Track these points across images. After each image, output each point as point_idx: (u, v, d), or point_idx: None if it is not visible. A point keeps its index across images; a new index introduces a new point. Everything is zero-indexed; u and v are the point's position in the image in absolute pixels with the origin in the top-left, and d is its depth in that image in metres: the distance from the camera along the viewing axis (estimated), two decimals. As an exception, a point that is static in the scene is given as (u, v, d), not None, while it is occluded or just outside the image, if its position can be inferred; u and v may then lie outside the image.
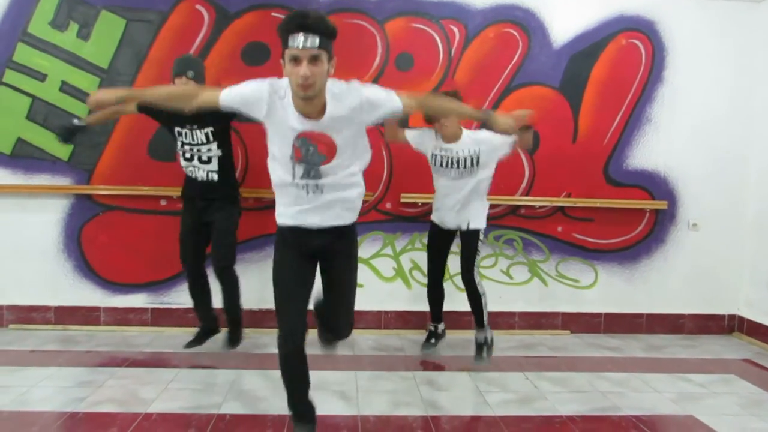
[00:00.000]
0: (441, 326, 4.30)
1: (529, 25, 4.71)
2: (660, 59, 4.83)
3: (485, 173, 3.93)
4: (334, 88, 2.39)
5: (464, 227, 3.99)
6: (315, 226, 2.55)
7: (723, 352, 4.56)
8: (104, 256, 4.56)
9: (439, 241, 4.13)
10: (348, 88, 2.42)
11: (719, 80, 4.88)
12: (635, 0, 4.76)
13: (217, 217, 3.86)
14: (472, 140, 3.90)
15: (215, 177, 3.83)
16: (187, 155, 3.84)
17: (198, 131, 3.74)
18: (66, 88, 4.43)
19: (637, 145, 4.87)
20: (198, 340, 4.05)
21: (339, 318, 2.86)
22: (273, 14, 4.54)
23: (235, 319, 4.02)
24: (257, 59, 4.55)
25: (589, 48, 4.76)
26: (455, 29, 4.68)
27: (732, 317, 5.04)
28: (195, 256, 3.96)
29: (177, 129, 3.79)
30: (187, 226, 3.95)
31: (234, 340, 4.05)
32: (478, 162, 3.87)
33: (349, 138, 2.45)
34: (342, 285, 2.74)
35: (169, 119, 3.77)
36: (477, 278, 3.98)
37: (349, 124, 2.42)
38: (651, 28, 4.80)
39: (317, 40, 2.18)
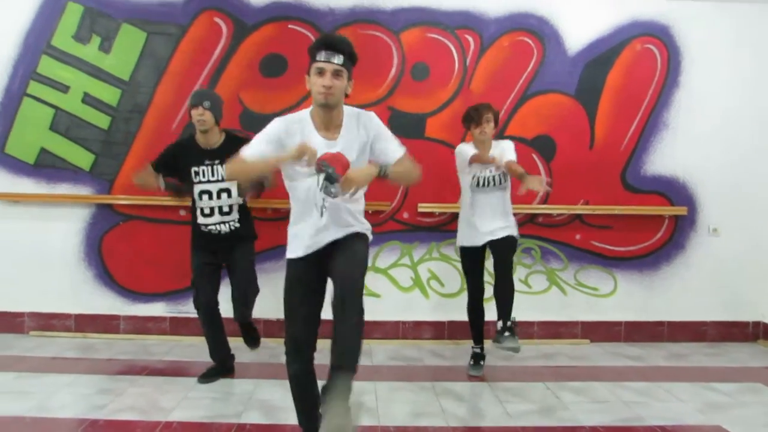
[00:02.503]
0: (484, 347, 4.12)
1: (544, 33, 4.74)
2: (675, 64, 4.83)
3: (509, 183, 3.94)
4: (353, 111, 2.62)
5: (495, 237, 3.86)
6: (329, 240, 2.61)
7: (748, 360, 4.47)
8: (124, 265, 4.61)
9: (471, 261, 4.01)
10: (367, 114, 2.64)
11: (736, 83, 4.86)
12: (649, 5, 4.78)
13: (237, 258, 3.74)
14: (499, 150, 3.89)
15: (238, 225, 3.72)
16: (206, 210, 3.67)
17: (218, 166, 3.61)
18: (88, 99, 4.53)
19: (654, 151, 4.84)
20: (211, 376, 3.82)
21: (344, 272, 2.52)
22: (290, 26, 4.62)
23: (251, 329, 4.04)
24: (275, 71, 4.62)
25: (604, 54, 4.78)
26: (470, 38, 4.72)
27: (756, 324, 4.95)
28: (211, 296, 3.76)
29: (194, 169, 3.65)
30: (200, 269, 3.78)
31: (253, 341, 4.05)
32: (505, 177, 3.88)
33: (358, 162, 2.56)
34: (347, 249, 2.59)
35: (186, 160, 3.66)
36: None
37: (360, 148, 2.58)
38: (665, 32, 4.81)
39: (341, 59, 2.46)
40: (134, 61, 4.54)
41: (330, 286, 2.55)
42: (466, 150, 3.91)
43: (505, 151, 3.85)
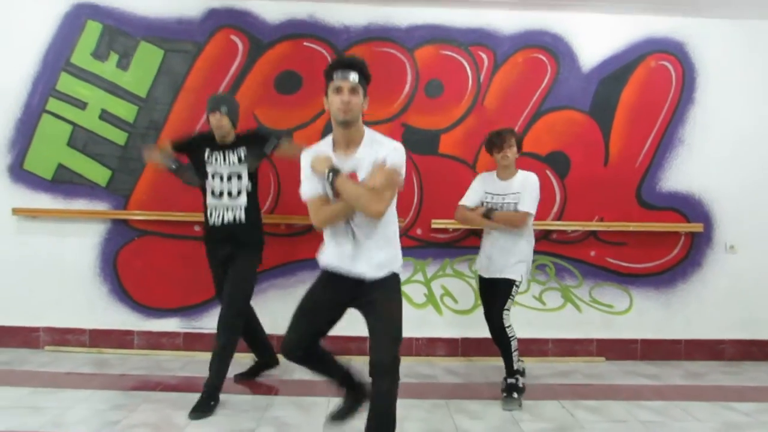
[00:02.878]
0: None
1: (558, 50, 4.76)
2: (690, 80, 4.82)
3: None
4: (375, 135, 2.75)
5: (499, 275, 3.81)
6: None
7: (767, 380, 4.40)
8: (139, 280, 4.63)
9: (487, 291, 3.92)
10: (388, 141, 2.72)
11: (752, 100, 4.84)
12: (663, 22, 4.79)
13: (238, 259, 3.70)
14: (520, 183, 3.82)
15: (243, 217, 3.68)
16: (216, 190, 3.69)
17: (231, 153, 3.68)
18: (105, 115, 4.59)
19: (669, 167, 4.82)
20: (254, 372, 3.93)
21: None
22: (305, 44, 4.66)
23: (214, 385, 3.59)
24: (289, 88, 4.66)
25: (618, 71, 4.78)
26: (484, 55, 4.74)
27: (776, 342, 4.90)
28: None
29: (208, 151, 3.70)
30: (214, 270, 3.85)
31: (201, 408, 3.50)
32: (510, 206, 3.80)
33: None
34: (383, 308, 2.69)
35: (203, 145, 3.72)
36: (507, 321, 3.76)
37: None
38: (680, 49, 4.81)
39: (357, 77, 2.62)
40: (151, 78, 4.60)
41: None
42: (482, 183, 3.91)
43: (524, 194, 3.76)
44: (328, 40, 4.67)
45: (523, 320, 4.56)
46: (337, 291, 2.76)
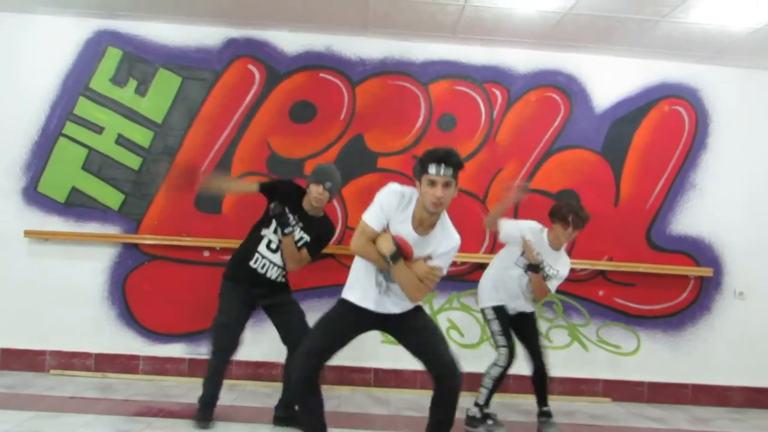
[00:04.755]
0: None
1: (571, 90, 4.80)
2: (704, 126, 4.85)
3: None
4: (445, 220, 2.85)
5: (523, 309, 3.92)
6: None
7: (774, 429, 4.37)
8: (146, 304, 4.63)
9: (507, 320, 3.91)
10: (454, 232, 2.85)
11: (764, 148, 4.87)
12: (678, 68, 4.83)
13: (287, 301, 3.71)
14: (563, 263, 3.88)
15: (284, 280, 3.71)
16: (273, 246, 3.62)
17: (309, 228, 3.61)
18: (121, 140, 4.64)
19: (680, 211, 4.83)
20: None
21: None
22: (321, 75, 4.71)
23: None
24: (304, 117, 4.71)
25: (631, 113, 4.82)
26: (498, 92, 4.79)
27: (783, 391, 4.85)
28: (240, 338, 3.71)
29: (291, 214, 3.59)
30: (236, 309, 3.66)
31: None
32: (543, 270, 3.82)
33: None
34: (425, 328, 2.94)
35: (288, 199, 3.61)
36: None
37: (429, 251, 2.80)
38: (694, 95, 4.84)
39: (451, 171, 2.66)
40: (168, 105, 4.65)
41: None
42: (529, 232, 3.85)
43: (559, 277, 3.85)
44: (344, 72, 4.73)
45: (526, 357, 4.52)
46: (362, 318, 2.86)
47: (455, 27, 4.43)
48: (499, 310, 3.89)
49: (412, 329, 2.89)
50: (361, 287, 2.85)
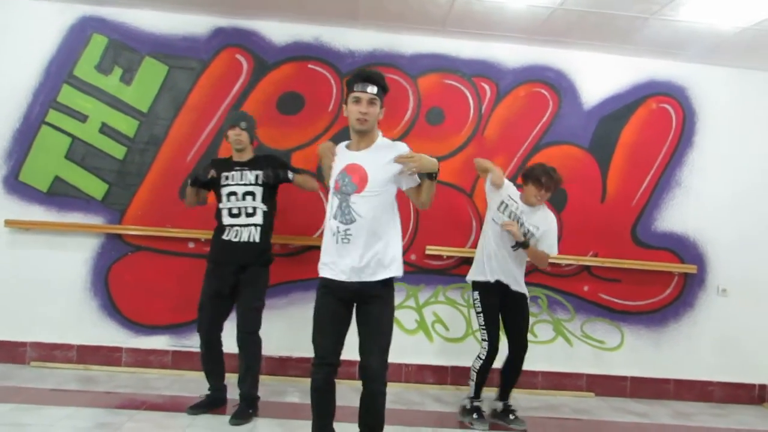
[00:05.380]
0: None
1: (560, 86, 4.80)
2: (690, 124, 4.88)
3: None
4: (386, 140, 2.98)
5: (520, 289, 3.90)
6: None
7: (754, 423, 4.43)
8: (130, 296, 4.58)
9: (498, 301, 3.89)
10: (396, 143, 2.97)
11: (751, 149, 4.91)
12: (667, 66, 4.85)
13: (250, 278, 3.76)
14: (543, 217, 3.88)
15: (257, 237, 3.75)
16: (234, 210, 3.74)
17: (248, 172, 3.75)
18: (105, 129, 4.56)
19: (666, 208, 4.87)
20: (204, 407, 3.81)
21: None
22: (309, 66, 4.67)
23: (250, 395, 3.76)
24: (291, 109, 4.66)
25: (619, 110, 4.83)
26: (486, 87, 4.78)
27: (763, 387, 4.92)
28: (215, 324, 3.80)
29: (225, 174, 3.76)
30: (211, 291, 3.79)
31: (241, 415, 3.68)
32: (531, 237, 3.82)
33: (380, 180, 2.87)
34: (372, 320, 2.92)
35: (219, 170, 3.77)
36: None
37: (384, 168, 2.87)
38: (682, 93, 4.87)
39: (375, 89, 2.84)
40: (154, 94, 4.58)
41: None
42: (508, 188, 3.91)
43: (549, 233, 3.87)
44: (333, 64, 4.69)
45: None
46: (339, 289, 2.90)
47: (445, 20, 4.41)
48: (487, 297, 3.88)
49: (367, 315, 2.89)
50: (327, 253, 2.92)
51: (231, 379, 3.89)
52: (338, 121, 4.65)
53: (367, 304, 2.89)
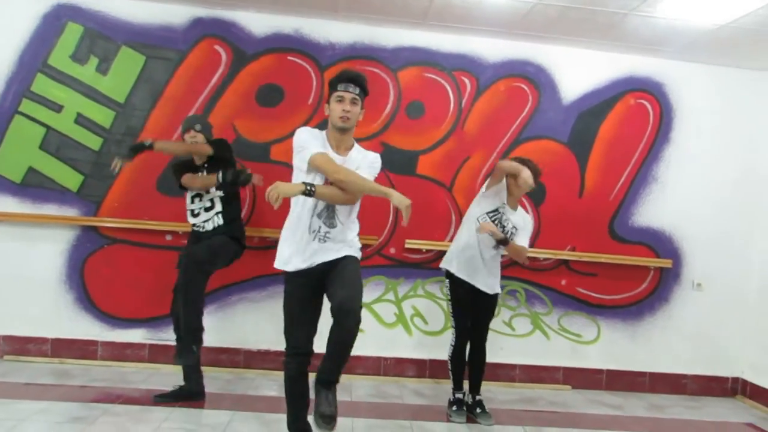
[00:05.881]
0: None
1: (540, 81, 4.81)
2: (668, 120, 4.92)
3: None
4: (360, 148, 3.08)
5: (490, 291, 3.91)
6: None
7: (726, 415, 4.51)
8: (106, 289, 4.53)
9: (468, 297, 3.90)
10: (371, 153, 3.09)
11: (727, 145, 4.96)
12: (645, 62, 4.88)
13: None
14: (521, 217, 3.94)
15: (222, 222, 3.94)
16: (196, 211, 3.97)
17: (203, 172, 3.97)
18: (81, 120, 4.48)
19: (643, 203, 4.91)
20: (175, 396, 3.84)
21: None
22: (289, 58, 4.63)
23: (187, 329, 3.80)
24: (271, 101, 4.63)
25: (598, 106, 4.86)
26: (467, 81, 4.78)
27: (735, 380, 5.00)
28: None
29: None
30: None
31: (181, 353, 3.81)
32: (512, 237, 3.85)
33: None
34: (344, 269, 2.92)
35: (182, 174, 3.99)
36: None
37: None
38: (659, 90, 4.91)
39: (358, 90, 2.94)
40: (131, 84, 4.51)
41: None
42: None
43: (525, 230, 3.92)
44: (313, 56, 4.65)
45: (493, 345, 4.57)
46: (307, 276, 2.93)
47: (426, 13, 4.39)
48: (456, 287, 3.90)
49: (333, 270, 2.89)
50: (294, 243, 2.92)
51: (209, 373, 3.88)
52: (318, 114, 4.62)
53: (332, 268, 2.90)
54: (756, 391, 4.81)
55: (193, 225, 3.98)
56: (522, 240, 3.88)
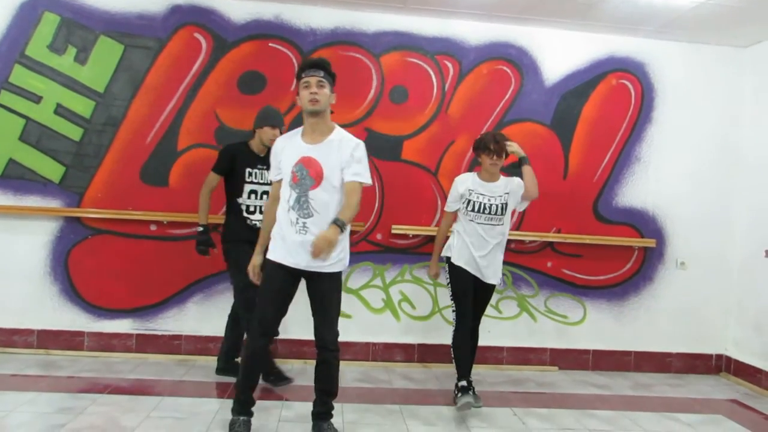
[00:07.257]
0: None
1: (522, 63, 4.81)
2: (649, 100, 4.94)
3: (508, 225, 3.88)
4: (344, 132, 3.12)
5: (488, 281, 3.85)
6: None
7: (711, 392, 4.56)
8: (91, 280, 4.51)
9: (467, 284, 3.83)
10: (353, 140, 3.09)
11: (707, 121, 4.98)
12: (626, 42, 4.88)
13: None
14: (504, 184, 3.84)
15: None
16: (252, 208, 3.96)
17: (265, 171, 3.93)
18: (61, 110, 4.44)
19: (626, 184, 4.93)
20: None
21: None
22: (270, 45, 4.60)
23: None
24: (253, 88, 4.60)
25: (580, 87, 4.87)
26: (449, 65, 4.77)
27: (719, 357, 5.05)
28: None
29: (248, 170, 3.94)
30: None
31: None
32: (505, 208, 3.78)
33: (335, 177, 3.02)
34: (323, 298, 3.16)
35: (243, 162, 3.95)
36: None
37: (336, 162, 3.02)
38: (641, 69, 4.92)
39: (322, 73, 3.01)
40: (110, 74, 4.47)
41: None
42: (463, 183, 3.84)
43: (516, 194, 3.84)
44: (294, 42, 4.62)
45: (481, 328, 4.58)
46: (288, 270, 3.06)
47: (406, -3, 4.37)
48: (457, 272, 3.82)
49: (318, 292, 3.10)
50: (279, 237, 3.06)
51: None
52: (300, 100, 4.60)
53: (314, 282, 3.09)
54: (740, 368, 4.87)
55: (247, 220, 3.95)
56: (518, 196, 3.83)
